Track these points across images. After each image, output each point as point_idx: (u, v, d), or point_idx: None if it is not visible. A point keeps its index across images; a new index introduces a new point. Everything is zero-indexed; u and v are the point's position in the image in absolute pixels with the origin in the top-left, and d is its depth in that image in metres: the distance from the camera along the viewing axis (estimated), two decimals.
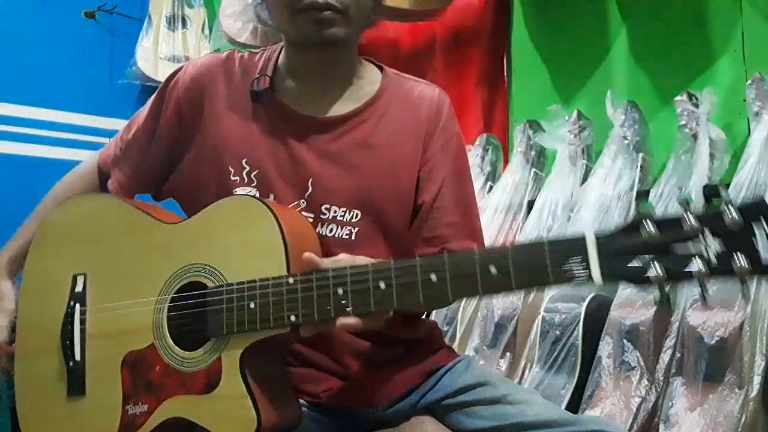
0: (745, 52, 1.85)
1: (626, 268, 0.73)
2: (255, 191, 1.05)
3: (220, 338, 0.93)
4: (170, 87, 1.14)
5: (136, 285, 1.02)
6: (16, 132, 3.20)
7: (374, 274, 0.85)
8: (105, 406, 1.00)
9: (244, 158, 1.06)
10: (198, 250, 0.99)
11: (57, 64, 3.31)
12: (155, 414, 0.95)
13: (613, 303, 1.67)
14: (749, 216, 0.70)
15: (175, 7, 3.59)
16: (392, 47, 2.82)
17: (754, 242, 0.68)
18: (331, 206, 1.04)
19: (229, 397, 0.90)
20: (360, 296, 0.85)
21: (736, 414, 1.40)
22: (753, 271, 0.68)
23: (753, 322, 1.44)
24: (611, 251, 0.74)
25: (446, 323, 2.05)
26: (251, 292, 0.91)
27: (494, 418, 1.00)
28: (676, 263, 0.71)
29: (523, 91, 2.42)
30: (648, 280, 0.72)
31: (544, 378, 1.71)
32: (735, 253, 0.68)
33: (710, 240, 0.70)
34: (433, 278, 0.82)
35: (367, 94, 1.10)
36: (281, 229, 0.92)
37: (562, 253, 0.76)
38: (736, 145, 1.80)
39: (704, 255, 0.70)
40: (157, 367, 0.97)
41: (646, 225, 0.73)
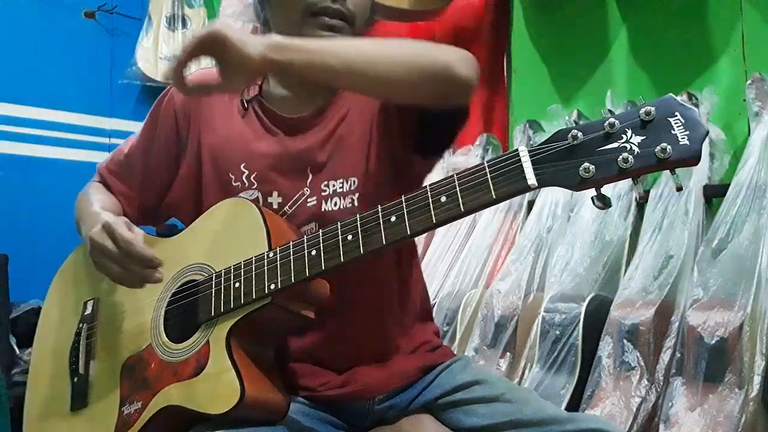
0: (745, 52, 1.85)
1: (559, 171, 0.79)
2: (257, 193, 1.08)
3: (209, 323, 0.97)
4: (165, 102, 1.18)
5: (140, 298, 1.06)
6: (16, 132, 3.20)
7: (342, 228, 0.90)
8: (103, 413, 1.03)
9: (242, 163, 1.09)
10: (192, 252, 1.04)
11: (57, 64, 3.31)
12: (149, 407, 0.97)
13: (613, 303, 1.67)
14: (664, 112, 0.76)
15: (175, 7, 3.59)
16: None
17: (672, 132, 0.75)
18: (329, 181, 1.08)
19: (215, 374, 0.92)
20: (331, 251, 0.90)
21: (736, 414, 1.40)
22: (675, 156, 0.74)
23: (753, 322, 1.44)
24: (544, 159, 0.80)
25: (446, 323, 2.05)
26: (236, 272, 0.96)
27: (491, 416, 1.01)
28: (603, 159, 0.77)
29: (523, 91, 2.42)
30: (580, 178, 0.77)
31: (544, 378, 1.71)
32: (657, 143, 0.75)
33: (633, 137, 0.76)
34: (393, 219, 0.87)
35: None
36: (262, 214, 0.97)
37: (500, 168, 0.82)
38: (736, 145, 1.80)
39: (628, 148, 0.76)
40: (152, 365, 1.00)
41: (572, 132, 0.79)
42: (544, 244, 1.96)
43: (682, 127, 0.75)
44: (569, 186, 0.79)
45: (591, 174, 0.77)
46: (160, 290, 1.05)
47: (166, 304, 1.03)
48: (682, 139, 0.74)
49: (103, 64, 3.52)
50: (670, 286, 1.62)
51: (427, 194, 0.86)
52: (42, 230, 2.80)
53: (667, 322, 1.59)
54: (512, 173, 0.81)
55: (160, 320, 1.03)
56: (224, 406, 0.89)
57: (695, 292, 1.55)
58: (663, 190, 1.76)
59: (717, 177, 1.74)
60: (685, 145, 0.74)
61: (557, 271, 1.85)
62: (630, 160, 0.75)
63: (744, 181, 1.60)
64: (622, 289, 1.70)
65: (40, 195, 3.06)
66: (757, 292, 1.47)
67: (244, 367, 0.91)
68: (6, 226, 2.90)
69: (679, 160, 0.74)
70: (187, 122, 1.15)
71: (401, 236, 0.86)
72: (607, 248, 1.82)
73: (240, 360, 0.92)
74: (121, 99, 3.51)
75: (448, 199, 0.84)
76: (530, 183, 0.79)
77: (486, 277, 2.07)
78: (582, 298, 1.73)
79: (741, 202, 1.58)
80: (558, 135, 0.80)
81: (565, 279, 1.82)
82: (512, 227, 2.13)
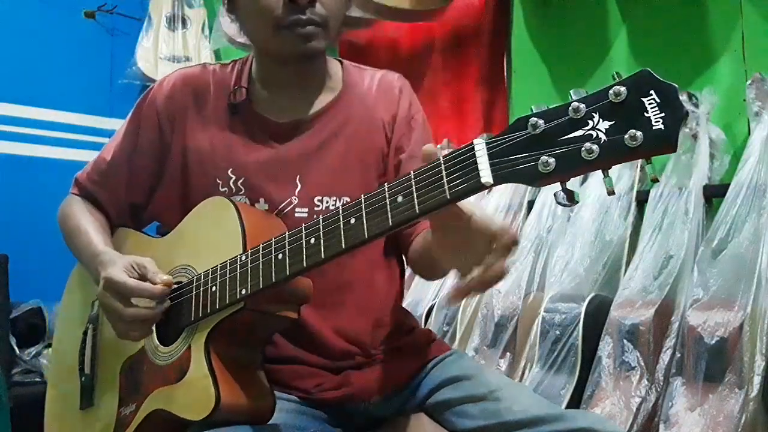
0: (745, 52, 1.85)
1: (516, 166, 0.68)
2: (245, 199, 1.08)
3: (190, 327, 0.97)
4: (147, 104, 1.16)
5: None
6: (16, 132, 3.20)
7: (306, 231, 0.87)
8: (106, 413, 1.04)
9: (229, 168, 1.09)
10: (177, 253, 1.04)
11: (57, 64, 3.31)
12: (141, 410, 0.98)
13: (613, 303, 1.67)
14: (637, 91, 0.64)
15: (175, 7, 3.59)
16: (392, 47, 2.82)
17: (645, 115, 0.63)
18: (323, 197, 1.08)
19: (194, 380, 0.92)
20: (295, 254, 0.87)
21: (736, 414, 1.40)
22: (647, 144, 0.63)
23: (753, 322, 1.44)
24: (500, 153, 0.70)
25: (446, 323, 2.05)
26: (213, 276, 0.95)
27: (481, 416, 1.00)
28: (565, 151, 0.66)
29: (523, 91, 2.42)
30: (540, 173, 0.67)
31: (544, 378, 1.71)
32: (627, 129, 0.63)
33: (601, 123, 0.65)
34: (352, 221, 0.82)
35: (333, 89, 1.15)
36: (239, 214, 0.97)
37: (456, 164, 0.73)
38: (736, 145, 1.80)
39: (593, 136, 0.65)
40: (145, 367, 1.01)
41: (532, 120, 0.68)
42: (544, 244, 1.96)
43: (657, 108, 0.62)
44: (529, 182, 0.68)
45: (551, 168, 0.66)
46: None
47: None
48: (656, 123, 0.62)
49: (103, 64, 3.52)
50: (670, 286, 1.62)
51: (384, 194, 0.79)
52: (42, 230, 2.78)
53: (667, 322, 1.59)
54: (467, 170, 0.71)
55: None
56: (200, 412, 0.89)
57: (695, 292, 1.55)
58: (663, 190, 1.76)
59: (717, 177, 1.74)
60: (659, 130, 0.62)
61: (557, 271, 1.85)
62: (594, 150, 0.64)
63: (744, 181, 1.60)
64: (622, 289, 1.70)
65: (40, 195, 3.05)
66: (757, 292, 1.46)
67: (221, 372, 0.91)
68: (6, 226, 2.90)
69: (652, 149, 0.63)
70: (170, 124, 1.13)
71: (360, 240, 0.81)
72: (607, 248, 1.81)
73: (218, 366, 0.92)
74: (121, 99, 3.50)
75: (405, 199, 0.76)
76: (484, 181, 0.70)
77: None
78: (582, 298, 1.73)
79: (741, 202, 1.58)
80: (518, 123, 0.70)
81: (565, 279, 1.82)
82: (512, 227, 2.13)
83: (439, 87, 2.61)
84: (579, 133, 0.65)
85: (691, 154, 1.76)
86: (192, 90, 1.14)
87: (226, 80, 1.14)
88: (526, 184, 0.70)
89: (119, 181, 1.16)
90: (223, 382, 0.90)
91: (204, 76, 1.15)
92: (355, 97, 1.15)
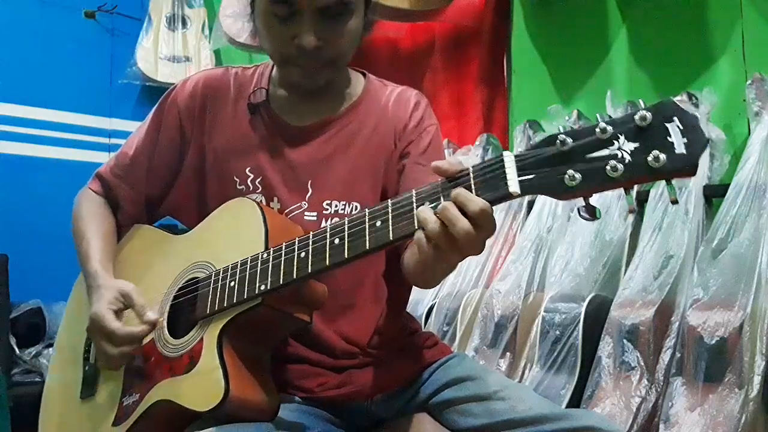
0: (745, 52, 1.85)
1: (543, 179, 0.73)
2: (261, 197, 1.10)
3: (205, 321, 0.97)
4: (169, 103, 1.19)
5: (149, 292, 1.08)
6: (16, 132, 3.20)
7: (330, 231, 0.89)
8: (107, 403, 1.05)
9: (247, 167, 1.11)
10: (198, 250, 1.06)
11: (57, 64, 3.32)
12: (144, 400, 0.98)
13: (613, 303, 1.67)
14: (661, 117, 0.69)
15: (175, 7, 3.59)
16: (392, 47, 2.82)
17: (668, 140, 0.68)
18: (332, 201, 1.09)
19: (204, 372, 0.93)
20: (318, 253, 0.89)
21: (736, 414, 1.40)
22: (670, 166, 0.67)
23: (753, 322, 1.44)
24: (529, 165, 0.75)
25: (446, 323, 2.05)
26: (233, 271, 0.97)
27: (485, 415, 1.01)
28: (591, 167, 0.71)
29: (523, 91, 2.42)
30: (565, 186, 0.71)
31: (544, 378, 1.71)
32: (650, 151, 0.68)
33: (626, 144, 0.70)
34: (378, 223, 0.84)
35: (351, 96, 1.16)
36: (264, 215, 0.98)
37: (484, 173, 0.78)
38: (736, 145, 1.80)
39: (618, 155, 0.69)
40: (152, 359, 1.02)
41: (560, 137, 0.73)
42: (544, 244, 1.96)
43: (680, 134, 0.68)
44: (554, 194, 0.73)
45: (576, 183, 0.71)
46: (168, 285, 1.06)
47: (171, 300, 1.05)
48: (679, 147, 0.67)
49: (103, 64, 3.52)
50: (670, 286, 1.62)
51: (412, 198, 0.83)
52: (42, 230, 2.79)
53: (667, 322, 1.59)
54: (495, 179, 0.76)
55: (165, 315, 1.04)
56: (208, 403, 0.89)
57: (695, 292, 1.55)
58: (663, 190, 1.75)
59: (717, 177, 1.74)
60: (682, 155, 0.67)
61: (557, 271, 1.85)
62: (619, 168, 0.69)
63: (744, 181, 1.60)
64: (622, 289, 1.70)
65: (40, 195, 3.06)
66: (757, 292, 1.46)
67: (232, 366, 0.92)
68: (6, 226, 2.90)
69: (673, 171, 0.67)
70: (191, 123, 1.16)
71: (384, 242, 0.84)
72: (607, 248, 1.81)
73: (229, 359, 0.92)
74: (121, 99, 3.51)
75: (433, 204, 0.80)
76: (512, 191, 0.74)
77: (486, 277, 2.07)
78: (582, 298, 1.73)
79: (741, 202, 1.58)
80: (548, 140, 0.75)
81: (565, 279, 1.82)
82: (512, 227, 2.13)
83: (439, 87, 2.61)
84: (605, 152, 0.70)
85: None
86: (213, 90, 1.17)
87: (247, 82, 1.17)
88: (552, 196, 0.74)
89: (139, 176, 1.19)
90: (233, 375, 0.90)
91: (226, 77, 1.18)
92: (372, 108, 1.16)
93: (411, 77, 2.61)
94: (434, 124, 1.18)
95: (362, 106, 1.16)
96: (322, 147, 1.11)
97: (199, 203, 1.14)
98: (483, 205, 0.76)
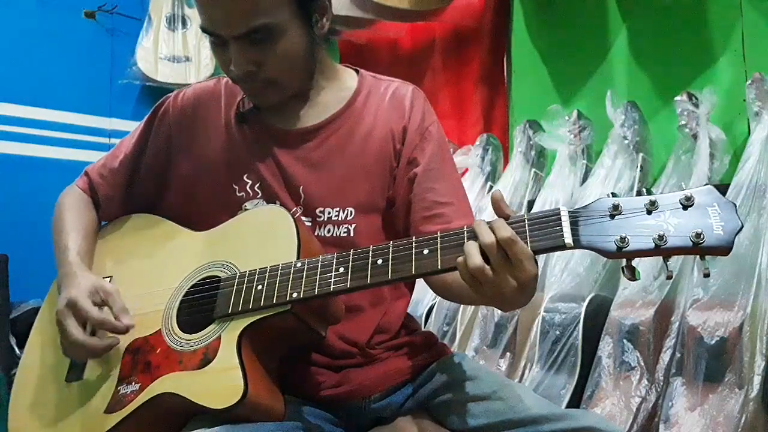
0: (745, 52, 1.85)
1: (595, 236, 0.82)
2: (262, 202, 1.10)
3: (223, 320, 0.97)
4: (161, 114, 1.19)
5: (157, 281, 1.07)
6: (16, 132, 3.20)
7: (373, 252, 0.92)
8: (98, 389, 1.02)
9: (244, 174, 1.11)
10: (220, 249, 1.05)
11: (57, 64, 3.31)
12: (147, 390, 0.96)
13: (613, 303, 1.67)
14: (703, 200, 0.80)
15: (175, 7, 3.59)
16: (392, 47, 2.82)
17: (708, 221, 0.78)
18: (325, 208, 1.09)
19: (221, 370, 0.92)
20: (359, 270, 0.91)
21: (736, 414, 1.40)
22: (708, 243, 0.77)
23: (753, 322, 1.44)
24: (582, 222, 0.83)
25: (446, 323, 2.05)
26: (261, 275, 0.96)
27: (485, 415, 1.01)
28: (640, 234, 0.80)
29: (523, 91, 2.42)
30: (615, 246, 0.80)
31: (544, 378, 1.71)
32: (692, 228, 0.78)
33: (671, 218, 0.80)
34: (426, 252, 0.88)
35: (343, 98, 1.15)
36: (297, 226, 0.98)
37: (539, 222, 0.85)
38: (736, 145, 1.80)
39: (665, 227, 0.79)
40: (158, 350, 1.00)
41: (614, 202, 0.82)
42: None
43: (718, 217, 0.78)
44: (604, 252, 0.81)
45: (626, 245, 0.79)
46: (180, 280, 1.05)
47: (183, 294, 1.04)
48: (717, 228, 0.77)
49: (103, 64, 3.51)
50: (670, 286, 1.62)
51: (463, 234, 0.87)
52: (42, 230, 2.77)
53: (667, 322, 1.59)
54: (550, 229, 0.83)
55: (174, 309, 1.03)
56: (224, 402, 0.89)
57: (695, 292, 1.55)
58: (663, 190, 1.76)
59: (717, 177, 1.74)
60: (719, 235, 0.77)
61: (557, 271, 1.85)
62: (665, 239, 0.78)
63: (744, 181, 1.60)
64: (622, 289, 1.70)
65: (40, 195, 3.05)
66: (757, 292, 1.47)
67: (250, 368, 0.92)
68: (6, 226, 2.90)
69: (711, 248, 0.77)
70: (180, 135, 1.17)
71: (431, 269, 0.88)
72: None
73: (248, 360, 0.92)
74: (121, 99, 3.51)
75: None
76: (567, 242, 0.82)
77: None
78: (582, 298, 1.73)
79: (741, 202, 1.58)
80: (599, 203, 0.83)
81: (565, 279, 1.82)
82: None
83: (439, 87, 2.61)
84: (652, 222, 0.80)
85: (691, 154, 1.77)
86: (204, 102, 1.17)
87: (237, 90, 1.17)
88: (601, 253, 0.82)
89: (122, 182, 1.20)
90: (251, 376, 0.90)
91: (216, 88, 1.19)
92: (366, 107, 1.14)
93: (411, 77, 2.60)
94: (434, 121, 1.17)
95: (355, 107, 1.14)
96: (313, 152, 1.11)
97: (191, 212, 1.14)
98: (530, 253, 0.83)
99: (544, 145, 2.17)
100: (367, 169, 1.11)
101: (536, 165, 2.19)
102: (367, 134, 1.12)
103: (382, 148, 1.12)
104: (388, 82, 1.19)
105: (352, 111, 1.14)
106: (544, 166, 2.21)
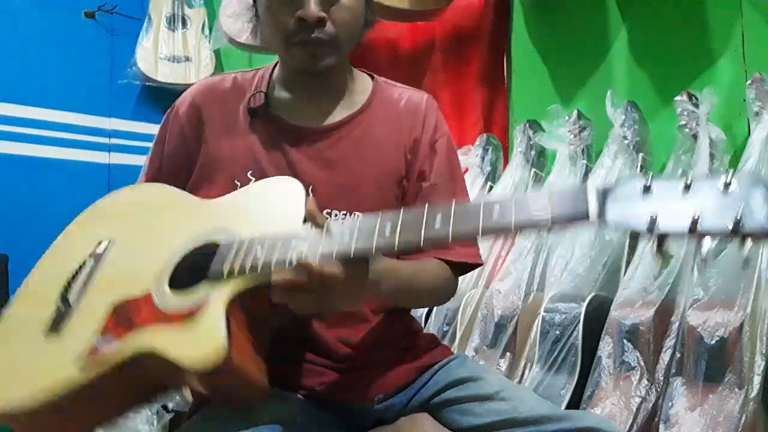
0: (745, 52, 1.85)
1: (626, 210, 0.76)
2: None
3: (215, 282, 0.93)
4: (172, 115, 1.19)
5: (158, 244, 1.04)
6: (16, 132, 3.20)
7: (382, 218, 0.87)
8: (75, 344, 0.98)
9: (248, 171, 1.10)
10: (223, 216, 1.04)
11: (57, 64, 3.32)
12: (125, 348, 0.92)
13: (613, 303, 1.67)
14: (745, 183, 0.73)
15: (175, 7, 3.59)
16: (392, 47, 2.82)
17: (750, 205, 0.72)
18: (332, 210, 1.08)
19: (205, 329, 0.88)
20: (364, 236, 0.87)
21: (736, 414, 1.40)
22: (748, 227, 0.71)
23: (753, 322, 1.44)
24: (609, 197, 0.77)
25: (446, 323, 2.05)
26: (261, 241, 0.93)
27: (487, 414, 1.01)
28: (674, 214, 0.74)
29: (523, 91, 2.42)
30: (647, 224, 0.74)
31: (544, 378, 1.71)
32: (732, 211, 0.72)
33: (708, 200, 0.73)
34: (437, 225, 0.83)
35: (358, 102, 1.15)
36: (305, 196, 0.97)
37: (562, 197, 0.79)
38: (736, 145, 1.80)
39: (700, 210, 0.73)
40: (143, 308, 0.96)
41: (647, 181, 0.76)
42: (544, 244, 1.96)
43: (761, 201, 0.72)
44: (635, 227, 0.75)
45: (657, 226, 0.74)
46: (179, 243, 1.02)
47: (180, 257, 1.00)
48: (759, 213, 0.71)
49: (103, 64, 3.52)
50: (670, 286, 1.62)
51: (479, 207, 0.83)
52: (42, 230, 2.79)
53: (667, 322, 1.59)
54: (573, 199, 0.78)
55: (168, 270, 0.99)
56: (203, 362, 0.85)
57: (695, 292, 1.55)
58: None
59: None
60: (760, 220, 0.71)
61: (557, 271, 1.85)
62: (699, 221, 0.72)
63: None
64: (622, 289, 1.70)
65: (40, 195, 3.06)
66: (757, 292, 1.47)
67: (236, 332, 0.88)
68: (6, 226, 2.90)
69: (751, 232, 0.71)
70: (192, 132, 1.16)
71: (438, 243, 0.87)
72: (607, 248, 1.82)
73: (234, 324, 0.89)
74: (121, 99, 3.51)
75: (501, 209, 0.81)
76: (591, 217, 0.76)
77: (486, 277, 2.07)
78: (582, 298, 1.73)
79: None
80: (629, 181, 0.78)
81: (565, 279, 1.82)
82: None
83: (439, 87, 2.61)
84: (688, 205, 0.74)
85: (691, 154, 1.77)
86: (213, 98, 1.17)
87: (247, 86, 1.17)
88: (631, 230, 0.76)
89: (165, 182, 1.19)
90: (235, 341, 0.87)
91: (225, 83, 1.18)
92: (379, 114, 1.14)
93: (411, 77, 2.61)
94: (445, 133, 1.17)
95: (368, 112, 1.14)
96: (325, 152, 1.10)
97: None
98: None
99: (544, 145, 2.17)
100: (378, 177, 1.10)
101: (536, 165, 2.19)
102: (379, 141, 1.12)
103: (393, 159, 1.12)
104: (402, 89, 1.19)
105: (366, 115, 1.14)
106: (544, 166, 2.21)
